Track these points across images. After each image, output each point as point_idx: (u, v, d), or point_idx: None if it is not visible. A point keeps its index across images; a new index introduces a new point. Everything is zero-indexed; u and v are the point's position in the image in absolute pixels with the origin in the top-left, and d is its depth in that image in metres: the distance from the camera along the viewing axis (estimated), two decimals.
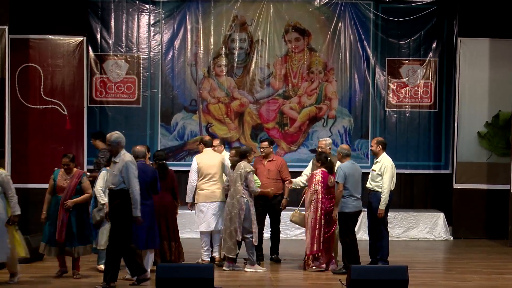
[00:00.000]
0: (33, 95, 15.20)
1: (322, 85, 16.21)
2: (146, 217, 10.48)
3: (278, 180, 12.34)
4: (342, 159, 11.52)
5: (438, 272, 12.31)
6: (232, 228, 11.45)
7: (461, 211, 15.76)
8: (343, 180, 11.28)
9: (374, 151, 12.11)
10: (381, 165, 11.87)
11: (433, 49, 16.22)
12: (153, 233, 10.82)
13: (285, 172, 12.40)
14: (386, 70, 16.21)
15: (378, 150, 12.01)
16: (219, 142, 12.75)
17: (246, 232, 11.47)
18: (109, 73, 15.93)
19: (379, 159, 11.96)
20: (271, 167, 12.35)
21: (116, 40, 15.96)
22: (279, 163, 12.47)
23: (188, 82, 16.14)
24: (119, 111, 15.97)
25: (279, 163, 12.44)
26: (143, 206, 10.28)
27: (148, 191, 10.69)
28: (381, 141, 12.12)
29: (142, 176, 10.46)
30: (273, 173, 12.34)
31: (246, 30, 16.17)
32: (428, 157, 16.30)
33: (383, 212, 11.77)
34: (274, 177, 12.32)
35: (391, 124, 16.27)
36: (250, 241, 11.49)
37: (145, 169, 10.75)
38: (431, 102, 16.27)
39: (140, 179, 10.26)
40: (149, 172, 10.78)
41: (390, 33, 16.19)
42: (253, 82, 16.15)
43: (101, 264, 11.03)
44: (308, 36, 16.20)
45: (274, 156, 12.68)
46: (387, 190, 11.78)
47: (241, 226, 11.43)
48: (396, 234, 15.41)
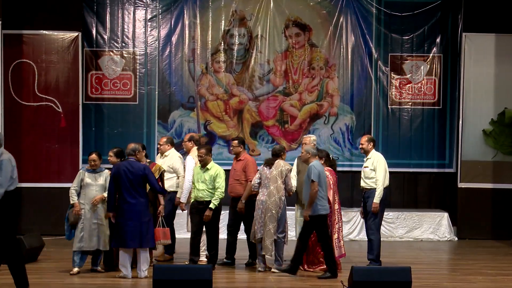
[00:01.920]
0: (26, 92, 15.19)
1: (323, 82, 16.19)
2: (133, 216, 10.73)
3: (244, 181, 11.94)
4: (310, 159, 11.29)
5: (442, 273, 12.29)
6: (271, 226, 11.48)
7: (466, 211, 15.75)
8: (318, 179, 11.05)
9: (365, 149, 12.05)
10: (373, 160, 11.89)
11: (437, 44, 16.20)
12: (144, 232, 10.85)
13: (248, 173, 11.93)
14: (389, 66, 16.18)
15: (369, 147, 12.00)
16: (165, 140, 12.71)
17: (279, 232, 11.51)
18: (104, 70, 15.90)
19: (370, 156, 11.97)
20: (237, 167, 12.06)
21: (112, 36, 15.92)
22: (245, 163, 12.04)
23: (186, 78, 16.11)
24: (115, 108, 15.94)
25: (244, 163, 12.03)
26: (126, 205, 10.69)
27: (135, 189, 10.76)
28: (372, 139, 12.20)
29: (126, 174, 10.73)
30: (238, 173, 11.99)
31: (245, 25, 16.15)
32: (432, 156, 16.28)
33: (378, 207, 11.73)
34: (238, 177, 11.97)
35: (394, 121, 16.24)
36: (282, 241, 11.57)
37: (131, 167, 10.81)
38: (435, 99, 16.25)
39: (124, 177, 10.70)
40: (135, 170, 10.82)
41: (393, 28, 16.16)
42: (253, 78, 16.13)
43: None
44: (309, 31, 16.18)
45: (243, 156, 12.19)
46: (381, 183, 11.77)
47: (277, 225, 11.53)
48: (399, 235, 15.41)
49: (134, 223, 10.75)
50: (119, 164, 10.98)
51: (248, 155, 12.42)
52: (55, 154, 15.13)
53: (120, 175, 10.78)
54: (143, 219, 10.84)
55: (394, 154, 16.17)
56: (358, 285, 9.23)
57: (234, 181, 12.00)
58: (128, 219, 10.75)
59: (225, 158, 15.92)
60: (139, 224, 10.79)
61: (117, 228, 10.84)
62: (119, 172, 10.82)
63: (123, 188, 10.79)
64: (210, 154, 11.66)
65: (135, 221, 10.75)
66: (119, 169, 10.85)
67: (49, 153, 14.98)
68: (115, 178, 10.83)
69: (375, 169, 11.83)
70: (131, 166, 10.83)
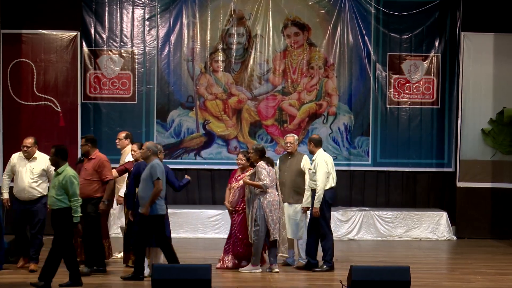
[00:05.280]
0: (25, 91, 15.19)
1: (322, 81, 16.22)
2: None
3: (95, 181, 11.28)
4: (151, 157, 10.83)
5: (441, 272, 12.32)
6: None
7: (465, 210, 15.77)
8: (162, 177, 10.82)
9: (310, 150, 12.02)
10: (315, 162, 11.79)
11: (435, 44, 16.22)
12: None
13: (104, 172, 11.30)
14: (387, 65, 16.20)
15: (312, 147, 11.93)
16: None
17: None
18: (103, 69, 15.91)
19: (314, 157, 11.88)
20: (88, 167, 11.36)
21: (110, 35, 15.94)
22: (98, 162, 11.35)
23: (185, 78, 16.13)
24: (113, 107, 15.96)
25: (97, 162, 11.35)
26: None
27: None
28: (313, 138, 12.05)
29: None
30: (89, 172, 11.28)
31: (244, 25, 16.17)
32: (431, 155, 16.30)
33: (317, 211, 11.64)
34: (89, 177, 11.27)
35: (392, 121, 16.26)
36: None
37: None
38: (433, 98, 16.27)
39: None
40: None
41: (392, 27, 16.18)
42: (251, 78, 16.15)
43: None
44: (307, 30, 16.20)
45: (95, 154, 11.41)
46: (321, 187, 11.62)
47: None
48: (398, 234, 15.43)
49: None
50: (140, 163, 11.01)
51: (100, 153, 11.53)
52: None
53: (140, 174, 10.82)
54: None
55: (392, 154, 16.21)
56: (357, 284, 9.25)
57: (84, 181, 11.20)
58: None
59: (224, 157, 15.96)
60: None
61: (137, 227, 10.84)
62: (139, 171, 10.88)
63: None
64: None
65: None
66: (139, 168, 10.90)
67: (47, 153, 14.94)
68: (135, 177, 10.91)
69: (316, 171, 11.74)
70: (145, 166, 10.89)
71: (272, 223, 11.54)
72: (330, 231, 11.87)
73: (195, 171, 15.54)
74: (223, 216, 14.84)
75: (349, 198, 16.29)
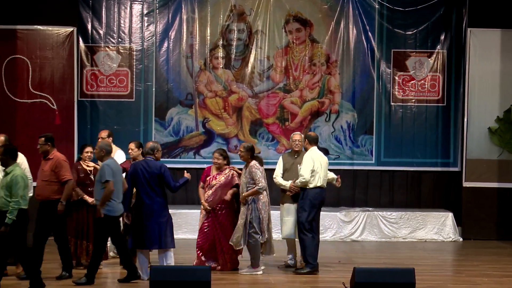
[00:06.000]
0: (20, 88, 15.16)
1: (324, 78, 16.18)
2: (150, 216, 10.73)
3: (54, 182, 10.91)
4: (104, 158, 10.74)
5: (446, 275, 12.29)
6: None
7: (471, 210, 15.75)
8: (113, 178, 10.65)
9: (303, 147, 11.99)
10: (303, 159, 11.74)
11: (441, 40, 16.19)
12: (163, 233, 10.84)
13: (62, 172, 10.91)
14: (391, 62, 16.17)
15: (306, 144, 11.89)
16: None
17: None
18: (100, 66, 15.88)
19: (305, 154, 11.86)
20: (46, 167, 11.00)
21: (107, 31, 15.91)
22: (55, 162, 10.96)
23: (184, 75, 16.10)
24: (111, 105, 15.92)
25: (55, 162, 10.95)
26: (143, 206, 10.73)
27: (152, 188, 10.78)
28: (308, 136, 12.01)
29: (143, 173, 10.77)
30: (47, 174, 10.93)
31: (244, 20, 16.13)
32: (436, 154, 16.28)
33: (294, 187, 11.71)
34: (47, 178, 10.91)
35: (396, 119, 16.23)
36: None
37: (148, 166, 10.83)
38: (439, 96, 16.24)
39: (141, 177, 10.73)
40: (152, 169, 10.82)
41: (396, 23, 16.15)
42: (252, 75, 16.11)
43: None
44: (309, 26, 16.16)
45: (52, 154, 11.05)
46: (306, 174, 11.54)
47: None
48: (403, 235, 15.40)
49: (152, 224, 10.75)
50: (136, 163, 10.99)
51: (58, 153, 11.17)
52: None
53: (137, 174, 10.82)
54: (161, 219, 10.81)
55: (396, 153, 16.18)
56: (360, 286, 9.21)
57: (42, 183, 10.94)
58: (146, 219, 10.76)
59: None
60: (158, 225, 10.78)
61: (135, 229, 10.84)
62: (136, 171, 10.85)
63: (139, 188, 10.81)
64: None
65: (153, 222, 10.75)
66: (136, 168, 10.88)
67: None
68: (132, 177, 10.87)
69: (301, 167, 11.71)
70: (148, 165, 10.84)
71: (265, 225, 11.58)
72: (313, 232, 11.72)
73: (194, 171, 15.46)
74: None
75: (352, 198, 16.26)
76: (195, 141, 16.09)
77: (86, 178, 11.70)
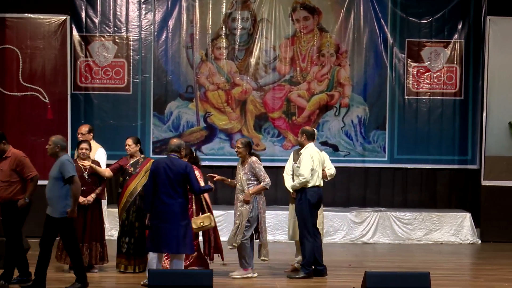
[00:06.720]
0: (10, 80, 15.19)
1: (334, 70, 16.20)
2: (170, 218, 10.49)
3: (14, 182, 10.74)
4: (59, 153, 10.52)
5: (463, 279, 12.31)
6: None
7: (490, 211, 15.76)
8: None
9: (300, 142, 11.93)
10: (301, 156, 11.73)
11: (458, 29, 16.20)
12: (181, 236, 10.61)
13: (26, 169, 10.76)
14: (405, 53, 16.18)
15: (303, 140, 11.83)
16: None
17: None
18: (95, 56, 15.91)
19: (302, 151, 11.81)
20: (4, 167, 10.76)
21: (103, 19, 15.94)
22: (15, 160, 10.79)
23: (184, 66, 16.13)
24: (106, 98, 15.96)
25: (14, 160, 10.78)
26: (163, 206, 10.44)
27: (174, 188, 10.56)
28: (305, 131, 11.94)
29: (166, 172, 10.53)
30: (6, 173, 10.71)
31: (248, 8, 16.15)
32: (453, 151, 16.29)
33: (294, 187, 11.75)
34: (7, 179, 10.71)
35: (411, 113, 16.25)
36: None
37: (172, 164, 10.60)
38: (456, 89, 16.25)
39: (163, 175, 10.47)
40: (176, 168, 10.58)
41: (410, 11, 16.16)
42: (257, 66, 16.14)
43: None
44: (318, 14, 16.18)
45: (10, 152, 10.85)
46: (307, 179, 11.55)
47: None
48: (417, 237, 15.43)
49: (170, 226, 10.51)
50: (159, 161, 10.75)
51: (15, 149, 10.93)
52: (41, 148, 15.01)
53: (159, 173, 10.52)
54: (181, 222, 10.58)
55: (410, 149, 16.20)
56: None
57: (2, 184, 10.71)
58: (164, 221, 10.51)
59: (227, 153, 15.95)
60: (176, 227, 10.55)
61: (152, 231, 10.59)
62: (158, 169, 10.57)
63: (161, 187, 10.54)
64: None
65: (171, 224, 10.51)
66: (158, 166, 10.59)
67: (34, 147, 14.92)
68: (153, 175, 10.60)
69: (300, 166, 11.69)
70: (172, 164, 10.58)
71: (264, 225, 11.69)
72: (312, 234, 11.72)
73: None
74: (226, 216, 14.84)
75: (363, 197, 16.29)
76: (196, 136, 16.13)
77: (80, 177, 11.71)
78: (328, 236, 14.79)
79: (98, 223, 11.84)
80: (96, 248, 11.78)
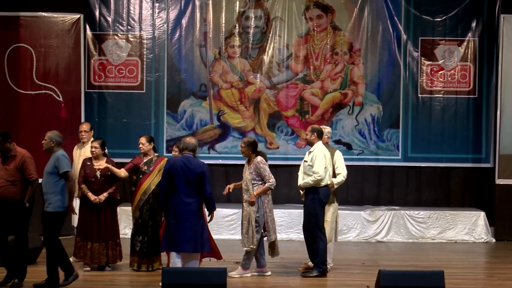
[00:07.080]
0: (24, 79, 15.24)
1: (347, 68, 16.18)
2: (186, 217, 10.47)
3: (18, 181, 10.66)
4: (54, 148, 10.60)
5: (478, 278, 12.29)
6: None
7: (504, 209, 15.72)
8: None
9: (309, 140, 11.88)
10: (313, 154, 11.70)
11: (472, 27, 16.15)
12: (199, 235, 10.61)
13: (27, 171, 10.67)
14: (419, 51, 16.15)
15: (313, 138, 11.80)
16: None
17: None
18: (108, 55, 15.94)
19: (312, 149, 11.78)
20: (9, 166, 10.70)
21: (116, 18, 15.96)
22: (21, 159, 10.71)
23: (197, 64, 16.14)
24: (120, 97, 15.98)
25: (20, 160, 10.70)
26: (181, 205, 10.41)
27: (191, 187, 10.50)
28: (316, 129, 11.91)
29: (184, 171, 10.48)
30: (12, 173, 10.65)
31: (262, 6, 16.14)
32: (467, 149, 16.25)
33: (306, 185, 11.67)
34: (12, 178, 10.63)
35: (424, 112, 16.21)
36: None
37: (189, 163, 10.55)
38: (470, 87, 16.21)
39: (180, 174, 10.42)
40: (193, 167, 10.53)
41: (424, 9, 16.12)
42: (270, 64, 16.14)
43: None
44: (331, 13, 16.16)
45: (15, 151, 10.77)
46: (322, 171, 11.54)
47: None
48: (431, 236, 15.40)
49: (188, 225, 10.49)
50: (175, 159, 10.70)
51: (20, 149, 10.88)
52: None
53: (176, 171, 10.46)
54: (198, 220, 10.59)
55: (424, 148, 16.17)
56: None
57: (7, 183, 10.63)
58: (182, 220, 10.48)
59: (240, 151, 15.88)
60: (194, 226, 10.54)
61: (169, 230, 10.56)
62: (174, 168, 10.50)
63: (178, 186, 10.48)
64: None
65: (189, 223, 10.49)
66: (175, 165, 10.52)
67: None
68: (169, 173, 10.53)
69: (313, 165, 11.65)
70: (189, 162, 10.53)
71: (271, 224, 11.67)
72: (323, 232, 11.75)
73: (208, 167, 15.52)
74: (239, 215, 14.80)
75: (377, 196, 16.27)
76: (209, 135, 16.13)
77: (91, 175, 11.73)
78: (342, 235, 14.77)
79: (111, 223, 11.87)
80: (113, 247, 11.81)
